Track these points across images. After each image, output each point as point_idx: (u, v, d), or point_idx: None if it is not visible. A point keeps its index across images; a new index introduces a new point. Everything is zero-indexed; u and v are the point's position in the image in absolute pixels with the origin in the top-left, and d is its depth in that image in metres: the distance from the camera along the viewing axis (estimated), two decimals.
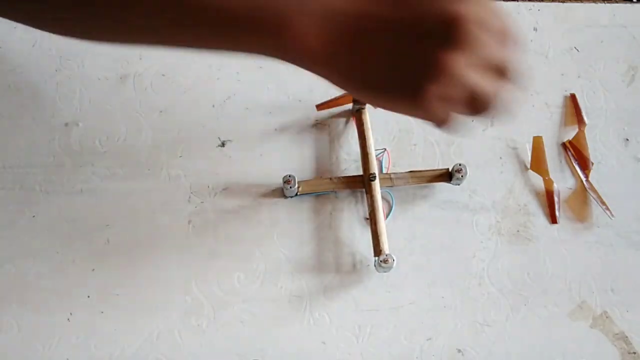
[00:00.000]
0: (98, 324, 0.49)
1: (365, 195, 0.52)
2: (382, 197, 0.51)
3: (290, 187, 0.50)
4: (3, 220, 0.50)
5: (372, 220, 0.50)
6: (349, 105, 0.54)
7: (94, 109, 0.54)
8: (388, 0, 0.33)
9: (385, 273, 0.50)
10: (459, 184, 0.53)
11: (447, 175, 0.52)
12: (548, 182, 0.54)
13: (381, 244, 0.49)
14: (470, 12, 0.32)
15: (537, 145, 0.55)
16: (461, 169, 0.51)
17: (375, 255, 0.49)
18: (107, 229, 0.51)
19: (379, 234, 0.49)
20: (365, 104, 0.52)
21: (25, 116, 0.52)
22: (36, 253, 0.50)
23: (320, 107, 0.53)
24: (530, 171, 0.54)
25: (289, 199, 0.52)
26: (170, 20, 0.34)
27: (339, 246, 0.51)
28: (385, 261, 0.48)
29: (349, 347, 0.49)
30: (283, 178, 0.50)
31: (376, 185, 0.51)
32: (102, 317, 0.49)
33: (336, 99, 0.53)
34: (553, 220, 0.53)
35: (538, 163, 0.54)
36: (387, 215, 0.52)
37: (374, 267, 0.50)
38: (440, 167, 0.53)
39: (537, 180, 0.54)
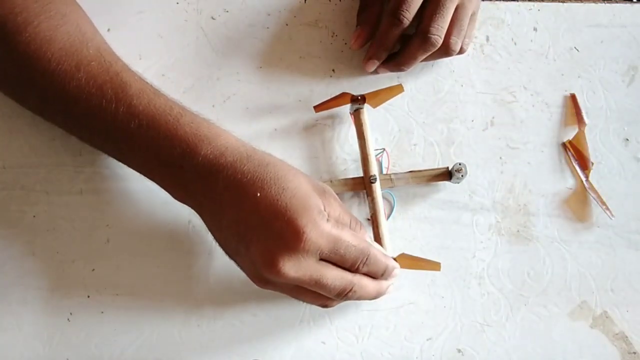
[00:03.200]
0: (98, 324, 0.49)
1: (366, 197, 0.52)
2: (384, 197, 0.51)
3: None
4: (3, 220, 0.50)
5: (374, 222, 0.50)
6: (348, 105, 0.54)
7: None
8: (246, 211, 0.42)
9: None
10: (458, 182, 0.53)
11: (447, 174, 0.52)
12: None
13: (383, 247, 0.49)
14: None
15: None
16: (461, 168, 0.51)
17: None
18: (107, 229, 0.51)
19: (381, 236, 0.49)
20: (363, 104, 0.52)
21: (25, 116, 0.52)
22: (36, 253, 0.50)
23: (318, 108, 0.53)
24: (531, 172, 0.54)
25: None
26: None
27: None
28: None
29: (349, 347, 0.49)
30: None
31: (377, 187, 0.51)
32: (102, 317, 0.49)
33: (333, 99, 0.53)
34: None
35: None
36: (388, 216, 0.52)
37: None
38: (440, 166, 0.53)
39: (538, 179, 0.54)
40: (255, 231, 0.41)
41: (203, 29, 0.55)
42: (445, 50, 0.52)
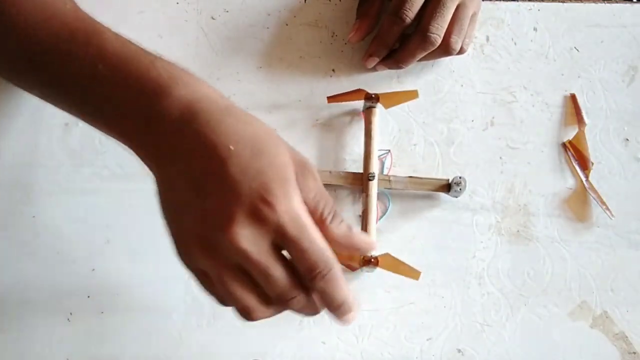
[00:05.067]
0: (98, 324, 0.49)
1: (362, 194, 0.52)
2: (380, 198, 0.51)
3: None
4: (3, 220, 0.50)
5: (364, 219, 0.50)
6: (354, 103, 0.54)
7: None
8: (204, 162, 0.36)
9: (369, 273, 0.50)
10: (456, 197, 0.52)
11: (446, 187, 0.52)
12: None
13: None
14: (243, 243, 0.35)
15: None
16: (460, 182, 0.51)
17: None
18: (107, 229, 0.51)
19: (368, 233, 0.49)
20: (376, 103, 0.52)
21: (25, 116, 0.52)
22: (36, 253, 0.50)
23: (331, 99, 0.53)
24: (531, 172, 0.54)
25: None
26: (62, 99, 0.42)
27: None
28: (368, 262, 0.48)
29: (349, 347, 0.49)
30: None
31: (374, 185, 0.51)
32: (102, 317, 0.49)
33: (348, 93, 0.53)
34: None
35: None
36: (382, 216, 0.52)
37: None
38: (440, 169, 0.53)
39: (538, 179, 0.54)
40: (219, 184, 0.35)
41: (203, 29, 0.55)
42: (444, 49, 0.52)
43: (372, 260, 0.48)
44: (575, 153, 0.55)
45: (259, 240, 0.35)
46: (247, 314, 0.38)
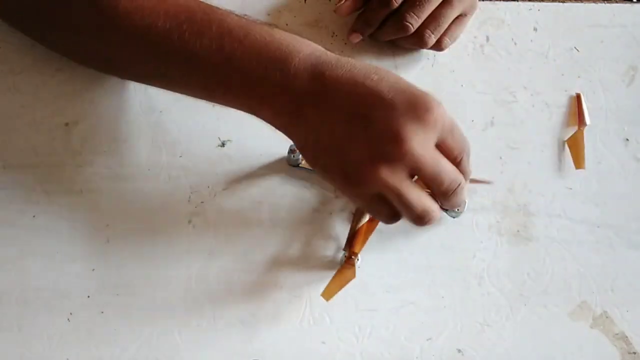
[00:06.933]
0: (98, 324, 0.49)
1: None
2: None
3: (294, 157, 0.51)
4: (3, 220, 0.50)
5: (356, 216, 0.50)
6: None
7: (94, 109, 0.54)
8: (348, 96, 0.40)
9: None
10: (454, 217, 0.52)
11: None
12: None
13: (357, 242, 0.49)
14: (413, 136, 0.38)
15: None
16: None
17: (343, 249, 0.49)
18: (107, 229, 0.51)
19: (358, 231, 0.50)
20: None
21: (25, 116, 0.52)
22: (36, 253, 0.50)
23: None
24: (531, 172, 0.54)
25: (290, 198, 0.52)
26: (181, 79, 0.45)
27: (340, 246, 0.51)
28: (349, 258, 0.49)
29: (349, 347, 0.49)
30: (290, 147, 0.51)
31: None
32: (102, 317, 0.49)
33: None
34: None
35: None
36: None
37: (338, 260, 0.51)
38: None
39: (538, 179, 0.54)
40: (379, 108, 0.39)
41: None
42: (418, 41, 0.53)
43: None
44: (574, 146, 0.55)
45: (428, 142, 0.39)
46: (427, 215, 0.41)
